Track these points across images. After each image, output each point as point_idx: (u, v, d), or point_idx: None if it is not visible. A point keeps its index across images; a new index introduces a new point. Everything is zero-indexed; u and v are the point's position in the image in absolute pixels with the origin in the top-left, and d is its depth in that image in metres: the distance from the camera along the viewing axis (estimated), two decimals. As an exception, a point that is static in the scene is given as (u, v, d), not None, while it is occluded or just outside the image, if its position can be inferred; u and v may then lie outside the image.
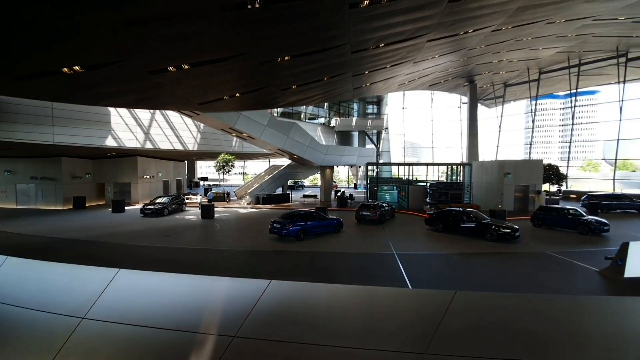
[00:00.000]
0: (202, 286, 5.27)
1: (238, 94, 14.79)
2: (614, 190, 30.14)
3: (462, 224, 15.48)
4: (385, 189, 28.71)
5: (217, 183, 42.98)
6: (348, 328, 4.55)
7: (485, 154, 41.03)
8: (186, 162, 42.96)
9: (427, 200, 26.20)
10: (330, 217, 16.98)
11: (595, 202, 22.77)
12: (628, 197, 23.46)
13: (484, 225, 14.83)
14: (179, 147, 27.53)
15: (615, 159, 32.46)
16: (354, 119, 47.50)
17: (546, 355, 4.26)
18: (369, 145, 46.62)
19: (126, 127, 23.53)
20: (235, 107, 18.99)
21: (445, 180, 30.00)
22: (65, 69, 8.11)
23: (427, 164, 31.32)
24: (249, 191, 30.20)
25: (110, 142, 22.55)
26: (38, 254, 11.80)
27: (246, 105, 19.34)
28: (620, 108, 29.96)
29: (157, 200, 23.08)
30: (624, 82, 29.49)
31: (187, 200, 27.02)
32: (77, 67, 8.10)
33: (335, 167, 37.68)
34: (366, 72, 18.55)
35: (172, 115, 26.55)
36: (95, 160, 27.73)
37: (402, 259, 11.74)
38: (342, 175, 63.17)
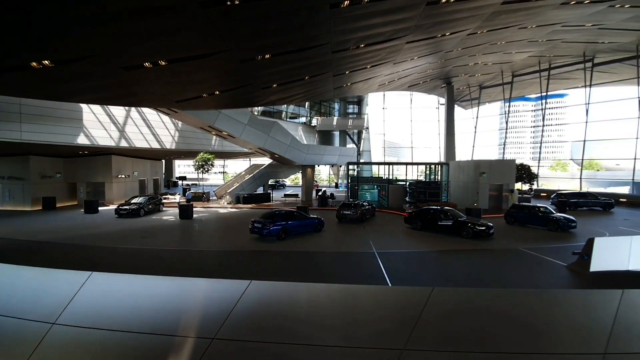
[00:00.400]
0: (180, 288, 5.16)
1: (218, 92, 14.55)
2: (580, 189, 31.74)
3: (440, 222, 15.88)
4: (366, 188, 29.02)
5: (196, 182, 42.11)
6: (329, 327, 4.58)
7: (462, 154, 42.28)
8: (163, 161, 41.81)
9: (407, 199, 26.71)
10: (312, 216, 17.00)
11: (564, 200, 23.91)
12: (593, 196, 24.80)
13: (460, 223, 15.27)
14: (156, 145, 26.76)
15: (582, 159, 34.22)
16: (335, 118, 47.71)
17: (518, 346, 4.45)
18: (350, 145, 46.97)
19: (100, 124, 22.65)
20: (215, 105, 18.67)
21: (424, 180, 30.66)
22: (34, 64, 7.72)
23: (406, 164, 31.90)
24: (229, 191, 29.76)
25: (82, 140, 21.63)
26: (5, 258, 11.17)
27: (226, 104, 19.05)
28: (587, 111, 31.58)
29: (133, 201, 22.36)
30: (590, 86, 31.11)
31: (164, 201, 26.31)
32: (46, 62, 7.73)
33: (316, 166, 37.73)
34: (347, 72, 18.67)
35: (149, 112, 25.78)
36: (67, 159, 26.51)
37: (382, 257, 11.91)
38: (324, 174, 63.33)
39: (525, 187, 31.35)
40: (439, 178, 28.38)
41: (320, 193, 29.69)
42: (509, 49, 26.33)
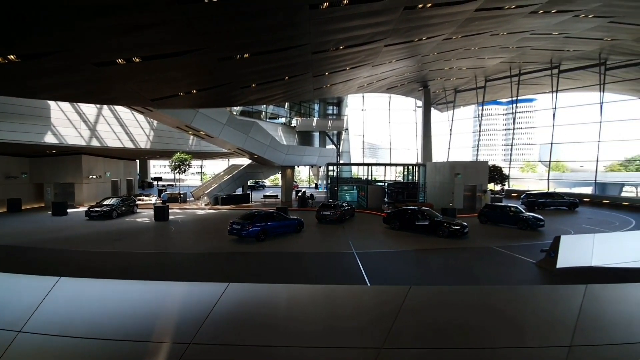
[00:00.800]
0: (154, 292, 5.01)
1: (195, 91, 14.25)
2: (548, 189, 33.36)
3: (417, 222, 16.24)
4: (346, 189, 29.25)
5: (173, 183, 41.02)
6: (309, 328, 4.58)
7: (439, 155, 43.45)
8: (138, 161, 40.47)
9: (385, 199, 27.13)
10: (291, 217, 16.95)
11: (533, 200, 25.06)
12: (560, 196, 26.14)
13: (436, 222, 15.68)
14: (129, 145, 25.83)
15: (550, 161, 36.00)
16: (315, 119, 47.81)
17: (491, 341, 4.62)
18: (330, 146, 47.19)
19: (69, 122, 21.61)
20: (192, 104, 18.26)
21: (402, 180, 31.24)
22: (-2, 58, 7.29)
23: (385, 165, 32.44)
24: (207, 191, 29.17)
25: (50, 139, 20.55)
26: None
27: (204, 103, 18.67)
28: (554, 115, 33.26)
29: (105, 202, 21.48)
30: (557, 91, 32.78)
31: (139, 202, 25.45)
32: (12, 57, 7.30)
33: (296, 167, 37.65)
34: (326, 74, 18.77)
35: (123, 111, 24.86)
36: (33, 158, 25.13)
37: (361, 257, 12.04)
38: (303, 175, 63.28)
39: (498, 187, 32.60)
40: (417, 179, 29.02)
41: (300, 194, 29.66)
42: (482, 55, 27.33)
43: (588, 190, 36.44)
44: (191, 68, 11.53)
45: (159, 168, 71.10)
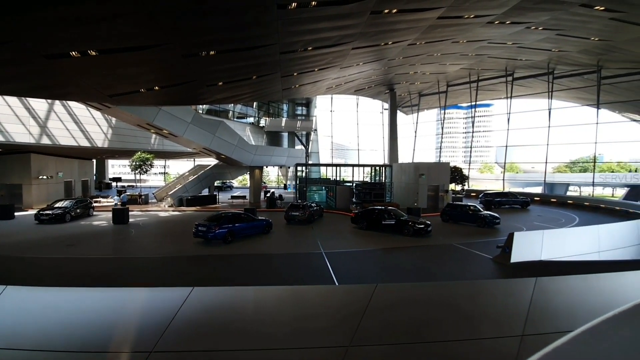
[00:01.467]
0: (112, 300, 4.75)
1: (158, 88, 13.66)
2: (503, 189, 35.57)
3: (384, 221, 16.67)
4: (314, 190, 29.36)
5: (133, 184, 39.03)
6: (277, 329, 4.57)
7: (404, 156, 44.85)
8: (94, 160, 38.02)
9: (353, 199, 27.56)
10: (260, 218, 16.75)
11: (490, 200, 26.61)
12: (514, 195, 27.99)
13: (402, 222, 16.19)
14: (84, 143, 24.21)
15: (505, 163, 38.44)
16: (284, 119, 47.55)
17: (453, 334, 4.85)
18: (299, 146, 47.15)
19: (16, 118, 19.85)
20: (155, 101, 17.47)
21: (369, 181, 31.89)
22: None
23: (353, 166, 32.93)
24: (170, 192, 28.02)
25: (-9, 136, 18.78)
26: None
27: (167, 100, 17.94)
28: (508, 119, 35.55)
29: (57, 205, 19.96)
30: (511, 97, 35.08)
31: (95, 204, 23.92)
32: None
33: (265, 167, 37.22)
34: (295, 74, 18.75)
35: (77, 107, 23.24)
36: (-30, 157, 22.83)
37: (330, 257, 12.16)
38: (272, 175, 62.69)
39: (458, 187, 34.26)
40: (384, 179, 29.76)
41: (268, 194, 29.35)
42: (444, 61, 28.61)
43: (538, 189, 39.33)
44: (153, 64, 11.06)
45: (118, 168, 67.38)
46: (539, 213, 24.26)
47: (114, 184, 44.81)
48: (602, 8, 15.50)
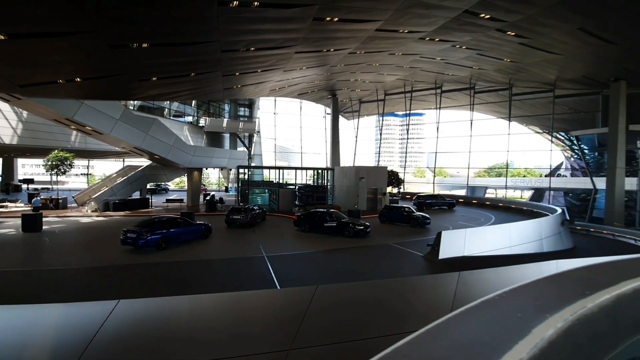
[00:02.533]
0: (21, 318, 4.14)
1: (79, 79, 12.28)
2: (433, 191, 38.68)
3: (326, 223, 17.02)
4: (257, 192, 28.85)
5: (49, 186, 34.50)
6: (215, 338, 4.40)
7: (346, 160, 46.32)
8: (0, 159, 32.72)
9: (296, 202, 27.66)
10: (198, 222, 15.93)
11: (422, 201, 28.75)
12: (442, 197, 30.65)
13: (343, 223, 16.69)
14: (-18, 139, 20.71)
15: (435, 168, 41.91)
16: (225, 120, 45.94)
17: (388, 330, 5.13)
18: (241, 148, 45.92)
19: None
20: (77, 94, 15.64)
21: (312, 184, 32.30)
22: None
23: (296, 168, 33.07)
24: (94, 196, 25.24)
25: None
26: None
27: (92, 94, 16.20)
28: (437, 128, 38.88)
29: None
30: (439, 108, 38.44)
31: (0, 209, 20.55)
32: None
33: (204, 169, 35.54)
34: (237, 74, 18.30)
35: (-28, 95, 19.77)
36: None
37: (272, 260, 12.04)
38: (213, 178, 60.06)
39: (395, 190, 36.42)
40: (326, 182, 30.39)
41: (208, 197, 28.07)
42: (382, 71, 30.31)
43: (462, 192, 43.52)
44: (74, 52, 9.93)
45: (30, 168, 58.91)
46: (463, 213, 26.87)
47: (24, 186, 39.01)
48: (513, 34, 17.84)
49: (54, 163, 22.94)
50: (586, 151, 35.15)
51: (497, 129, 40.18)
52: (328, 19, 13.00)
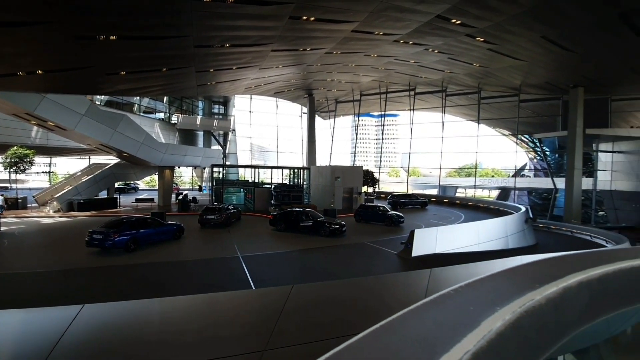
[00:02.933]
0: (-29, 328, 3.87)
1: (41, 72, 11.56)
2: (407, 191, 39.65)
3: (302, 222, 17.02)
4: (232, 192, 28.37)
5: (8, 185, 32.26)
6: (187, 341, 4.31)
7: (322, 159, 46.51)
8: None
9: (272, 201, 27.45)
10: (169, 222, 15.45)
11: (396, 200, 29.40)
12: (415, 196, 31.47)
13: (319, 223, 16.77)
14: None
15: (408, 167, 42.97)
16: (199, 117, 44.78)
17: (362, 327, 5.22)
18: (215, 146, 44.92)
19: None
20: (39, 87, 14.72)
21: (288, 183, 32.18)
22: None
23: (272, 167, 32.82)
24: (57, 195, 23.87)
25: None
26: None
27: (55, 87, 15.31)
28: (411, 129, 39.86)
29: None
30: (413, 110, 39.42)
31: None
32: None
33: (177, 168, 34.51)
34: (211, 70, 17.92)
35: None
36: None
37: (247, 260, 11.90)
38: (186, 176, 58.39)
39: (370, 189, 36.99)
40: (302, 181, 30.37)
41: (181, 197, 27.26)
42: (358, 72, 30.67)
43: (434, 191, 44.91)
44: (36, 44, 9.34)
45: (-19, 166, 54.55)
46: (435, 212, 27.73)
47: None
48: (482, 39, 18.60)
49: (12, 160, 21.48)
50: (548, 153, 37.39)
51: (467, 131, 41.81)
52: (304, 18, 13.00)
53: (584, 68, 23.41)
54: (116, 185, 31.44)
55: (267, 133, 49.60)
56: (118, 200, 26.67)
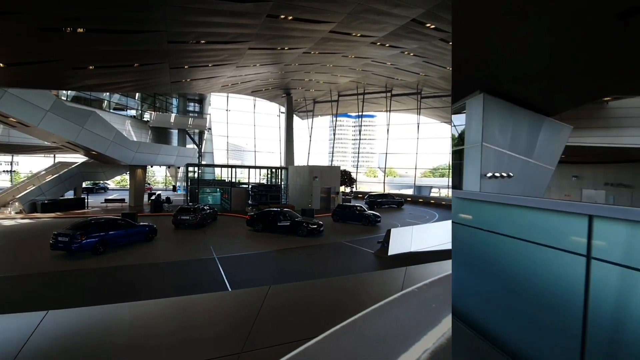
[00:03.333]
0: None
1: (2, 65, 10.87)
2: (384, 191, 40.32)
3: (279, 222, 16.93)
4: (208, 192, 27.79)
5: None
6: (158, 346, 4.19)
7: (300, 159, 46.41)
8: None
9: (249, 201, 27.14)
10: (141, 224, 14.92)
11: (373, 200, 29.83)
12: (392, 196, 32.07)
13: (296, 223, 16.74)
14: None
15: (385, 168, 43.71)
16: (173, 115, 43.46)
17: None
18: (190, 145, 43.74)
19: None
20: (1, 81, 13.78)
21: (266, 183, 31.91)
22: None
23: (249, 167, 32.42)
24: (19, 196, 22.47)
25: None
26: None
27: (18, 81, 14.42)
28: (388, 130, 40.58)
29: None
30: (390, 111, 40.15)
31: None
32: None
33: (149, 167, 33.36)
34: (186, 67, 17.49)
35: None
36: None
37: (223, 262, 11.71)
38: (159, 176, 56.55)
39: (348, 189, 37.31)
40: (280, 181, 30.20)
41: (153, 197, 26.39)
42: (335, 72, 30.85)
43: (410, 191, 45.90)
44: (-7, 34, 8.77)
45: None
46: (411, 211, 28.37)
47: None
48: (455, 45, 19.21)
49: (-35, 158, 20.01)
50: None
51: (441, 132, 43.00)
52: (282, 16, 12.93)
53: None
54: (84, 185, 30.02)
55: (244, 132, 48.85)
56: (86, 200, 25.50)
